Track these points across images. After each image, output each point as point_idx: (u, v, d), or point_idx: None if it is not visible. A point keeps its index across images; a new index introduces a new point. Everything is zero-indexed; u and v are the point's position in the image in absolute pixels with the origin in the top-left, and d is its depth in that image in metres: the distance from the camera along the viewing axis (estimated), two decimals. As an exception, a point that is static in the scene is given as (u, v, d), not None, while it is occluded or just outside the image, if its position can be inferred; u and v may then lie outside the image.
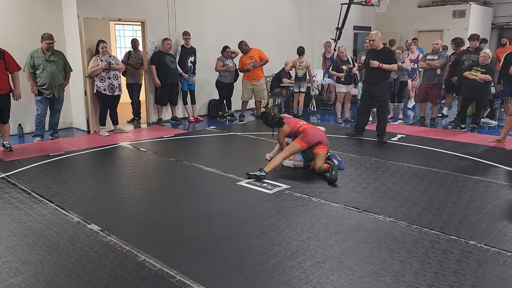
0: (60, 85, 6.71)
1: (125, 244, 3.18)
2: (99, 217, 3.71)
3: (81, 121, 7.78)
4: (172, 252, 3.07)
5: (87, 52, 7.13)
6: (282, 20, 10.81)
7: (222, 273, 2.78)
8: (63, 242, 3.24)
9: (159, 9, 8.32)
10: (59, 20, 7.49)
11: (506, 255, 3.00)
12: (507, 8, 13.37)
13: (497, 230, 3.40)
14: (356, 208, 3.88)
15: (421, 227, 3.45)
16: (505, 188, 4.43)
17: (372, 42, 6.54)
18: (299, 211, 3.82)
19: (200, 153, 6.26)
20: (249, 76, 8.69)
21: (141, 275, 2.76)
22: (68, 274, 2.78)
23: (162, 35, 8.25)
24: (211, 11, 9.20)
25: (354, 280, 2.69)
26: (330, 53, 10.14)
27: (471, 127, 7.44)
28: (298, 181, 4.68)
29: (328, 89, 10.64)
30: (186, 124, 8.54)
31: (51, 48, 6.51)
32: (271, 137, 5.59)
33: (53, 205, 4.01)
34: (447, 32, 12.25)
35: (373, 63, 6.47)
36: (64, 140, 6.95)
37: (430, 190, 4.37)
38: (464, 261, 2.90)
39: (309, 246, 3.14)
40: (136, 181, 4.77)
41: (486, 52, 7.06)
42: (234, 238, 3.30)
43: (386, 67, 6.48)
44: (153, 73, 8.04)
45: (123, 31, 11.55)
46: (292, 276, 2.73)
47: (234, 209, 3.92)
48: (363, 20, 13.38)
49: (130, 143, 6.62)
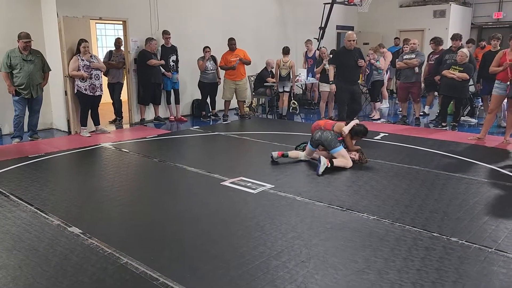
0: (38, 85, 6.58)
1: (106, 246, 3.12)
2: (80, 220, 3.63)
3: (61, 121, 7.63)
4: (155, 254, 3.03)
5: (67, 52, 7.00)
6: (265, 19, 10.81)
7: (207, 275, 2.75)
8: (43, 246, 3.16)
9: (140, 8, 8.23)
10: (38, 19, 7.33)
11: (487, 251, 3.04)
12: (486, 8, 13.64)
13: (478, 227, 3.45)
14: (340, 207, 3.89)
15: (404, 225, 3.48)
16: (485, 185, 4.51)
17: (353, 42, 6.72)
18: (283, 211, 3.81)
19: (184, 153, 6.21)
20: (231, 75, 8.65)
21: (124, 278, 2.71)
22: (48, 278, 2.72)
23: (144, 34, 8.16)
24: (193, 11, 9.13)
25: (338, 279, 2.69)
26: (312, 51, 10.17)
27: (452, 125, 7.57)
28: (282, 180, 4.67)
29: (311, 88, 10.68)
30: (169, 124, 8.47)
31: (28, 47, 6.37)
32: None
33: (32, 208, 3.92)
34: (428, 32, 12.42)
35: (362, 62, 6.65)
36: (44, 141, 6.81)
37: (413, 188, 4.41)
38: (446, 258, 2.94)
39: (293, 245, 3.14)
40: (118, 183, 4.70)
41: (464, 51, 7.19)
42: (218, 239, 3.28)
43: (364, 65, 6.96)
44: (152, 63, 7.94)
45: (105, 30, 11.39)
46: (277, 276, 2.72)
47: (219, 210, 3.89)
48: (346, 20, 13.47)
49: (112, 144, 6.53)
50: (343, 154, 5.11)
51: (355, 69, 6.69)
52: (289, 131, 7.44)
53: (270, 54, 9.56)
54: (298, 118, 9.38)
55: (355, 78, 6.76)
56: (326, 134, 5.17)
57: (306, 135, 6.72)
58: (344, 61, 6.77)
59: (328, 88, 8.49)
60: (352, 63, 6.76)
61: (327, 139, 5.13)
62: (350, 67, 6.69)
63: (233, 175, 4.83)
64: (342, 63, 6.82)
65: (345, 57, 6.75)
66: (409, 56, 7.87)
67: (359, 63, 6.68)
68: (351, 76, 6.75)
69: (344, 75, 6.90)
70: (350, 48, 6.77)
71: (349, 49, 6.72)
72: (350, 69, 6.70)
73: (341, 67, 6.84)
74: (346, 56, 6.73)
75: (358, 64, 6.74)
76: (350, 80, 6.79)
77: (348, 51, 6.74)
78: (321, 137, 5.18)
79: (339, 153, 5.10)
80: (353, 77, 6.77)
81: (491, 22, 13.59)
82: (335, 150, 5.11)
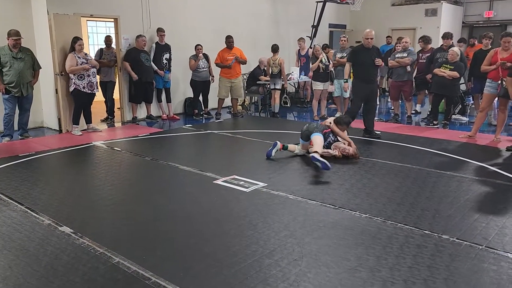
0: (29, 83, 6.52)
1: (98, 246, 3.10)
2: (71, 219, 3.60)
3: (52, 120, 7.56)
4: (148, 253, 3.01)
5: (60, 50, 6.93)
6: (258, 18, 10.79)
7: (199, 274, 2.75)
8: (33, 246, 3.13)
9: (132, 6, 8.17)
10: (28, 16, 7.25)
11: (478, 248, 3.07)
12: (476, 7, 13.75)
13: (469, 224, 3.48)
14: (333, 205, 3.90)
15: (396, 223, 3.50)
16: (476, 183, 4.54)
17: (371, 40, 6.53)
18: (276, 209, 3.81)
19: (176, 152, 6.19)
20: (227, 73, 8.63)
21: (116, 278, 2.69)
22: (38, 278, 2.69)
23: (136, 32, 8.10)
24: (185, 8, 9.09)
25: (330, 277, 2.70)
26: (304, 49, 10.17)
27: (443, 124, 7.62)
28: (275, 179, 4.67)
29: (304, 86, 10.69)
30: (161, 122, 8.43)
31: (18, 45, 6.31)
32: None
33: (22, 207, 3.88)
34: (420, 30, 12.48)
35: (379, 61, 6.50)
36: (35, 140, 6.75)
37: (404, 186, 4.44)
38: (437, 255, 2.96)
39: (286, 244, 3.14)
40: (110, 181, 4.67)
41: (454, 50, 7.24)
42: (211, 238, 3.27)
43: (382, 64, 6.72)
44: (127, 69, 7.90)
45: (96, 28, 11.30)
46: (269, 274, 2.72)
47: (211, 208, 3.88)
48: (338, 18, 13.50)
49: (104, 143, 6.48)
50: (318, 141, 5.21)
51: (372, 68, 6.53)
52: (282, 129, 7.44)
53: (263, 52, 9.55)
54: (291, 116, 9.39)
55: (372, 77, 6.60)
56: (311, 125, 5.51)
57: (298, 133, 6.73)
58: (361, 59, 6.55)
59: (321, 86, 8.54)
60: (369, 62, 6.52)
61: (313, 127, 5.41)
62: (367, 65, 6.50)
63: (225, 173, 4.82)
64: (359, 61, 6.59)
65: (363, 55, 6.53)
66: (401, 55, 7.91)
67: (376, 62, 6.49)
68: (368, 74, 6.58)
69: (360, 74, 6.68)
70: (368, 46, 6.57)
71: (367, 47, 6.56)
72: (367, 67, 6.52)
73: (358, 65, 6.62)
74: (364, 54, 6.52)
75: (375, 63, 6.53)
76: (367, 79, 6.60)
77: (366, 49, 6.57)
78: (309, 126, 5.47)
79: (314, 138, 5.26)
80: (370, 76, 6.60)
81: (482, 21, 13.70)
82: (313, 135, 5.32)
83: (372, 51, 6.59)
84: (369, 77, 6.63)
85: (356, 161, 5.32)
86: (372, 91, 6.72)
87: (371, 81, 6.69)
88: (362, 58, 6.56)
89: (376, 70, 6.77)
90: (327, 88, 8.66)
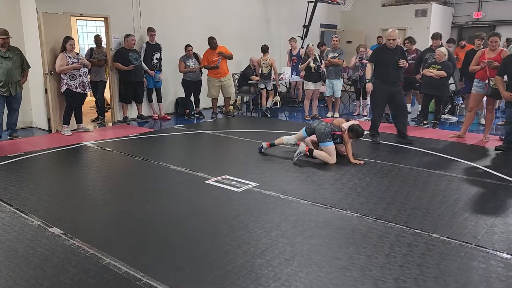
0: (17, 82, 6.44)
1: (88, 247, 3.08)
2: (61, 220, 3.57)
3: (41, 120, 7.48)
4: (139, 254, 3.00)
5: (50, 50, 6.86)
6: (249, 18, 10.79)
7: (191, 274, 2.74)
8: (23, 247, 3.10)
9: (123, 5, 8.11)
10: (16, 15, 7.16)
11: (468, 247, 3.10)
12: (466, 8, 13.89)
13: (459, 223, 3.52)
14: (324, 204, 3.92)
15: (387, 222, 3.52)
16: (465, 182, 4.59)
17: (393, 41, 6.13)
18: (267, 209, 3.81)
19: (168, 152, 6.16)
20: (215, 73, 8.60)
21: (106, 279, 2.68)
22: (27, 280, 2.66)
23: (127, 31, 8.05)
24: (176, 8, 9.05)
25: (322, 276, 2.71)
26: (296, 49, 10.18)
27: (433, 123, 7.69)
28: (266, 178, 4.68)
29: (295, 86, 10.71)
30: (152, 122, 8.39)
31: (6, 44, 6.24)
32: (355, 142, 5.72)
33: (11, 208, 3.83)
34: (410, 31, 12.57)
35: (403, 62, 6.16)
36: (24, 140, 6.67)
37: (395, 185, 4.47)
38: (427, 254, 2.98)
39: (277, 243, 3.14)
40: (100, 182, 4.64)
41: (441, 50, 7.31)
42: (202, 238, 3.26)
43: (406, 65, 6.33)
44: (118, 67, 7.85)
45: (86, 27, 11.20)
46: (261, 274, 2.72)
47: (203, 208, 3.87)
48: (329, 18, 13.55)
49: (95, 143, 6.43)
50: (330, 150, 5.19)
51: (395, 69, 6.15)
52: (273, 129, 7.45)
53: (254, 52, 9.54)
54: (282, 116, 9.40)
55: (394, 79, 6.21)
56: (320, 126, 5.29)
57: (290, 133, 6.74)
58: (384, 60, 6.20)
59: (313, 86, 8.55)
60: (392, 63, 6.16)
61: (320, 131, 5.25)
62: (390, 67, 6.14)
63: (217, 173, 4.81)
64: (381, 62, 6.24)
65: (385, 56, 6.19)
66: None
67: (400, 64, 6.12)
68: (390, 76, 6.20)
69: (382, 75, 6.30)
70: (391, 46, 6.20)
71: (390, 47, 6.20)
72: (390, 69, 6.16)
73: (380, 66, 6.26)
74: (387, 54, 6.18)
75: (399, 64, 6.15)
76: (388, 81, 6.22)
77: (389, 49, 6.21)
78: (316, 127, 5.31)
79: (326, 148, 5.20)
80: (393, 78, 6.20)
81: (471, 22, 13.84)
82: (324, 144, 5.23)
83: (395, 51, 6.24)
84: (391, 79, 6.23)
85: (347, 161, 5.33)
86: (396, 93, 6.30)
87: (394, 83, 6.27)
88: (385, 58, 6.23)
89: (399, 71, 6.30)
90: (319, 88, 8.68)
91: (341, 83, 8.74)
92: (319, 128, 5.25)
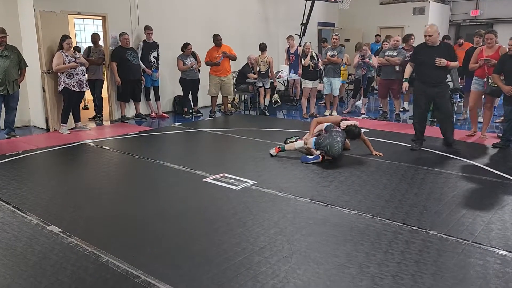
0: (14, 81, 6.44)
1: (87, 245, 3.08)
2: (59, 218, 3.57)
3: (39, 119, 7.47)
4: (137, 252, 3.00)
5: (48, 48, 6.85)
6: (247, 16, 10.77)
7: (189, 272, 2.74)
8: (21, 245, 3.10)
9: (120, 3, 8.10)
10: (14, 13, 7.15)
11: (465, 243, 3.12)
12: (463, 5, 13.92)
13: (456, 220, 3.53)
14: (322, 202, 3.92)
15: (384, 219, 3.53)
16: (463, 179, 4.61)
17: (429, 37, 5.57)
18: (265, 207, 3.82)
19: (166, 150, 6.16)
20: (217, 70, 8.60)
21: (105, 277, 2.68)
22: (26, 278, 2.66)
23: (124, 29, 8.03)
24: (173, 6, 9.04)
25: (320, 273, 2.72)
26: (294, 47, 10.16)
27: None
28: (264, 176, 4.68)
29: (293, 84, 10.71)
30: (150, 121, 8.39)
31: (3, 43, 6.24)
32: None
33: (10, 206, 3.83)
34: (408, 29, 12.59)
35: (441, 61, 5.52)
36: (21, 138, 6.66)
37: (393, 182, 4.48)
38: (425, 251, 3.00)
39: (276, 241, 3.15)
40: (98, 180, 4.64)
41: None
42: (200, 236, 3.27)
43: (453, 65, 5.73)
44: (113, 70, 7.83)
45: (83, 26, 11.19)
46: (259, 271, 2.73)
47: (201, 206, 3.88)
48: (327, 17, 13.55)
49: (93, 141, 6.43)
50: None
51: (434, 68, 5.56)
52: (271, 127, 7.45)
53: (252, 50, 9.54)
54: (280, 114, 9.41)
55: (435, 79, 5.63)
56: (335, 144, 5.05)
57: (288, 131, 6.76)
58: (422, 58, 5.71)
59: (310, 84, 8.55)
60: (430, 61, 5.60)
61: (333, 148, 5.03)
62: (429, 66, 5.60)
63: (215, 171, 4.82)
64: (420, 61, 5.76)
65: (424, 54, 5.68)
66: (391, 53, 7.95)
67: (436, 62, 5.51)
68: (429, 76, 5.65)
69: (420, 75, 5.86)
70: (430, 44, 5.62)
71: (430, 45, 5.63)
72: (430, 68, 5.60)
73: (419, 65, 5.80)
74: (426, 52, 5.66)
75: (435, 63, 5.54)
76: (427, 82, 5.68)
77: (429, 47, 5.64)
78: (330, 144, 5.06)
79: None
80: (432, 78, 5.64)
81: (469, 20, 13.86)
82: None
83: (436, 49, 5.62)
84: (430, 79, 5.67)
85: (345, 158, 5.34)
86: (437, 94, 5.72)
87: (432, 84, 5.67)
88: (422, 57, 5.72)
89: (440, 71, 5.65)
90: (316, 86, 8.69)
91: (340, 81, 8.74)
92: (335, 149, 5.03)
